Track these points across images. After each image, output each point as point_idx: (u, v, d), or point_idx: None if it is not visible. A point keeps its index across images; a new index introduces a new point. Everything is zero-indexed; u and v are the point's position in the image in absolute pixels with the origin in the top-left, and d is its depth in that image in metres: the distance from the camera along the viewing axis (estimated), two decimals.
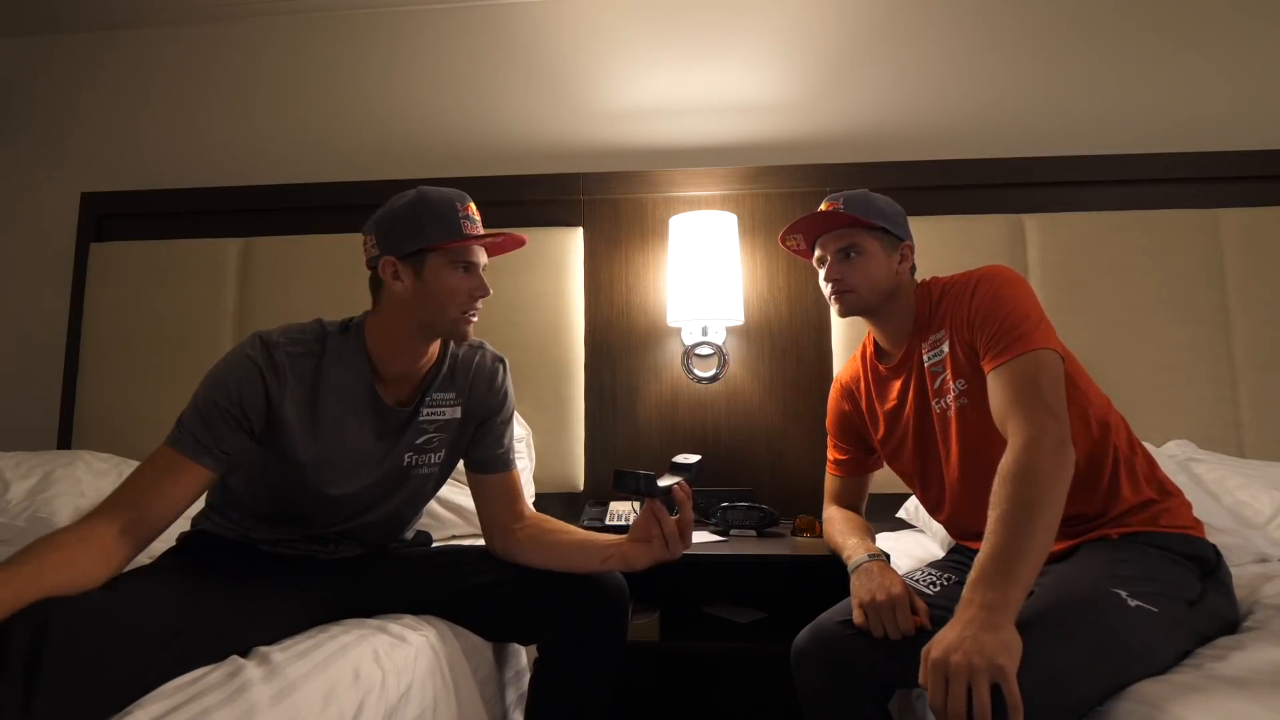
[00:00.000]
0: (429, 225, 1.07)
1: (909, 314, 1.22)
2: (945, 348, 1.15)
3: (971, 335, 1.10)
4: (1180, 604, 0.91)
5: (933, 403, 1.17)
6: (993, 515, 0.91)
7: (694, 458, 1.17)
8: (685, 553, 1.12)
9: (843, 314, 1.23)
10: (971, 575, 0.87)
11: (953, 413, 1.13)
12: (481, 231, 1.11)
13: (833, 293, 1.23)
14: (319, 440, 1.07)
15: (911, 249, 1.24)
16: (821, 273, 1.25)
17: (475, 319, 1.13)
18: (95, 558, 0.87)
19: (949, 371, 1.14)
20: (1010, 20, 2.12)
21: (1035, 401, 0.98)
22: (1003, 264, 1.16)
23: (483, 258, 1.14)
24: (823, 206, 1.24)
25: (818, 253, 1.26)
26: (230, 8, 2.31)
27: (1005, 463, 0.95)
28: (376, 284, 1.12)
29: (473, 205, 1.12)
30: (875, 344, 1.30)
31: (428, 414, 1.16)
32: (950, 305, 1.16)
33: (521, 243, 1.18)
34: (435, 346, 1.17)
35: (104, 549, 0.88)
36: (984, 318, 1.08)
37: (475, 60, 2.25)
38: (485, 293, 1.12)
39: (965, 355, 1.11)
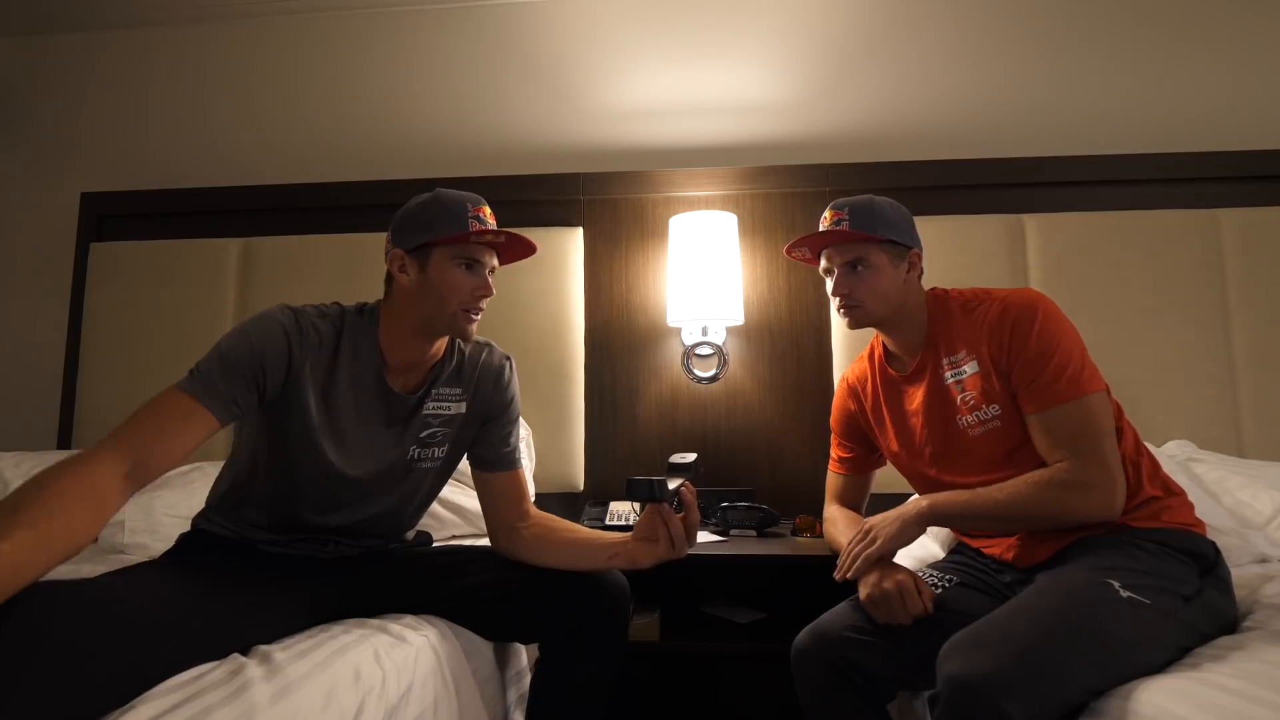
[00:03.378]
0: (437, 221, 1.08)
1: (921, 324, 1.22)
2: (969, 369, 1.14)
3: (1010, 366, 1.10)
4: (1175, 598, 0.92)
5: (957, 418, 1.16)
6: (1013, 482, 1.05)
7: (690, 456, 1.18)
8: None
9: (852, 327, 1.23)
10: (952, 493, 1.09)
11: (980, 431, 1.14)
12: (492, 233, 1.11)
13: (840, 306, 1.22)
14: (331, 408, 1.08)
15: (920, 255, 1.23)
16: (829, 283, 1.24)
17: (478, 318, 1.13)
18: (91, 513, 0.82)
19: (978, 394, 1.13)
20: (1010, 21, 2.13)
21: (1094, 449, 1.03)
22: (1033, 288, 1.20)
23: (491, 259, 1.14)
24: (826, 214, 1.23)
25: (823, 263, 1.25)
26: (230, 7, 2.31)
27: (1058, 478, 1.03)
28: (389, 277, 1.14)
29: (487, 209, 1.12)
30: (885, 348, 1.30)
31: (433, 407, 1.16)
32: (975, 327, 1.15)
33: (532, 250, 1.17)
34: (442, 341, 1.18)
35: (101, 499, 0.84)
36: (1034, 356, 1.08)
37: (475, 60, 2.25)
38: (488, 292, 1.12)
39: (1001, 383, 1.11)
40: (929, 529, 1.57)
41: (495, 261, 1.15)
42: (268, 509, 1.12)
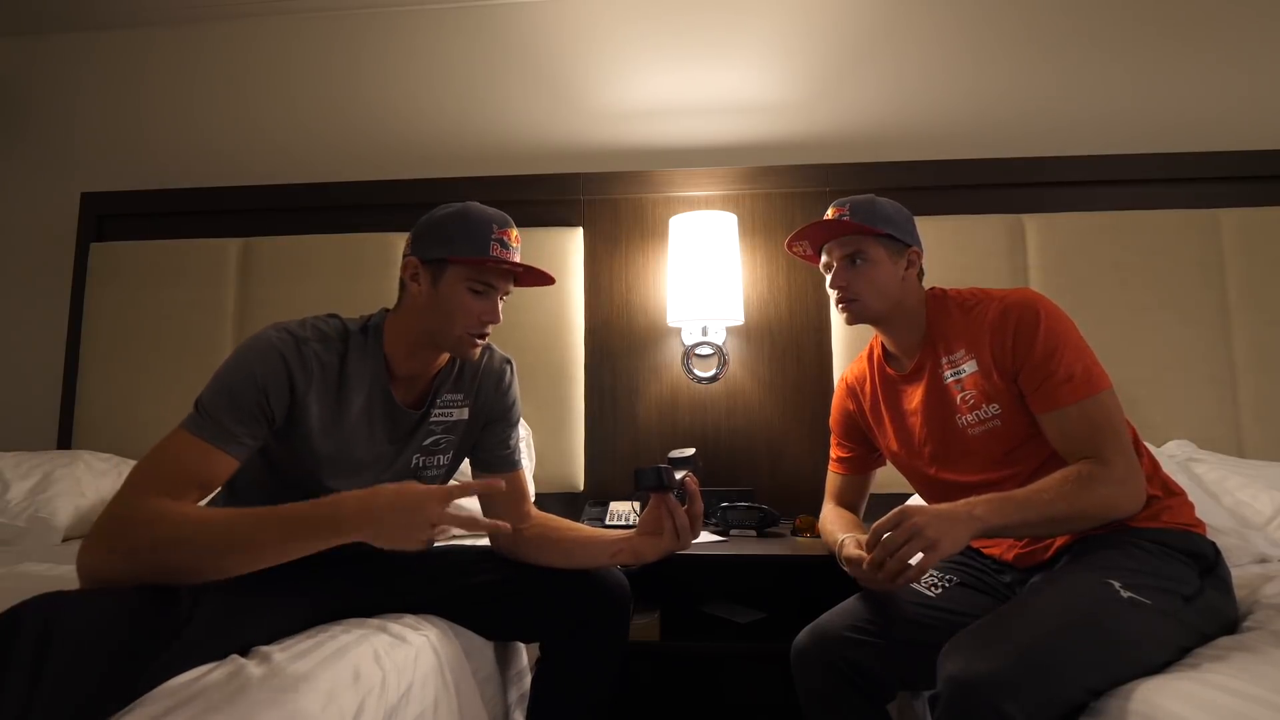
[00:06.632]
0: (458, 238, 1.06)
1: (919, 323, 1.22)
2: (968, 368, 1.14)
3: (1017, 367, 1.09)
4: (1175, 598, 0.92)
5: (956, 417, 1.16)
6: (1053, 478, 1.01)
7: (689, 450, 1.19)
8: (685, 552, 1.13)
9: (850, 322, 1.23)
10: (992, 494, 0.99)
11: (980, 430, 1.13)
12: (514, 259, 1.08)
13: (838, 300, 1.22)
14: (336, 435, 1.06)
15: (919, 254, 1.23)
16: (828, 278, 1.25)
17: (482, 342, 1.11)
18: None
19: (978, 393, 1.13)
20: (1010, 21, 2.13)
21: (1117, 445, 1.03)
22: (1030, 287, 1.17)
23: (505, 285, 1.11)
24: (829, 212, 1.23)
25: (824, 259, 1.25)
26: (230, 7, 2.31)
27: (1097, 474, 1.00)
28: (403, 282, 1.12)
29: (514, 231, 1.10)
30: (884, 348, 1.30)
31: (437, 415, 1.15)
32: (975, 327, 1.15)
33: (549, 281, 1.14)
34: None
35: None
36: (1043, 358, 1.07)
37: (475, 60, 2.25)
38: (496, 319, 1.10)
39: (1003, 382, 1.11)
40: None
41: (510, 286, 1.13)
42: None
